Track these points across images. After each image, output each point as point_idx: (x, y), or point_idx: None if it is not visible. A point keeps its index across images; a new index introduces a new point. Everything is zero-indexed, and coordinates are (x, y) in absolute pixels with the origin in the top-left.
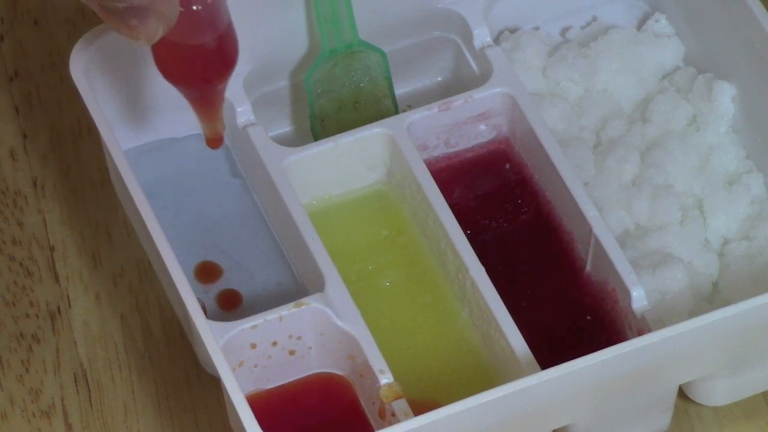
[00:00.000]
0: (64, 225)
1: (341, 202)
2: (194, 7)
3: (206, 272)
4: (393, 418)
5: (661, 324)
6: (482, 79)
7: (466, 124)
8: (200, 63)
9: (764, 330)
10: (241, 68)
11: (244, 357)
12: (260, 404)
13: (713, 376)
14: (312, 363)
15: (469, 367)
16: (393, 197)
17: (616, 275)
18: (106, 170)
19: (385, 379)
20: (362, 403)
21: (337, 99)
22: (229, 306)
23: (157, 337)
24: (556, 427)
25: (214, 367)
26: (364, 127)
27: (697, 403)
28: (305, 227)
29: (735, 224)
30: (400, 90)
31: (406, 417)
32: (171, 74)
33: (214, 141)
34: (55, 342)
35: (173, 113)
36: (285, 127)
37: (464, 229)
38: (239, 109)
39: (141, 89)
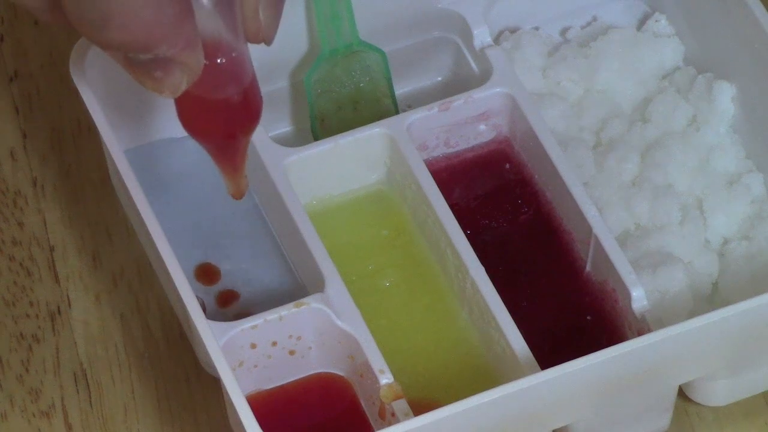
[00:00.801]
0: (64, 225)
1: (341, 202)
2: (219, 60)
3: (206, 273)
4: (393, 418)
5: (661, 324)
6: (482, 79)
7: (466, 124)
8: (224, 117)
9: (764, 330)
10: None
11: (244, 357)
12: (260, 404)
13: (713, 376)
14: (312, 363)
15: (469, 367)
16: (393, 197)
17: (616, 275)
18: (106, 170)
19: (385, 379)
20: (362, 403)
21: (337, 99)
22: (229, 306)
23: (157, 337)
24: (556, 427)
25: (214, 367)
26: (364, 127)
27: (697, 403)
28: (305, 227)
29: (735, 224)
30: (400, 90)
31: (406, 417)
32: (194, 129)
33: (238, 196)
34: (55, 342)
35: (173, 113)
36: (285, 127)
37: (464, 229)
38: None
39: (141, 89)
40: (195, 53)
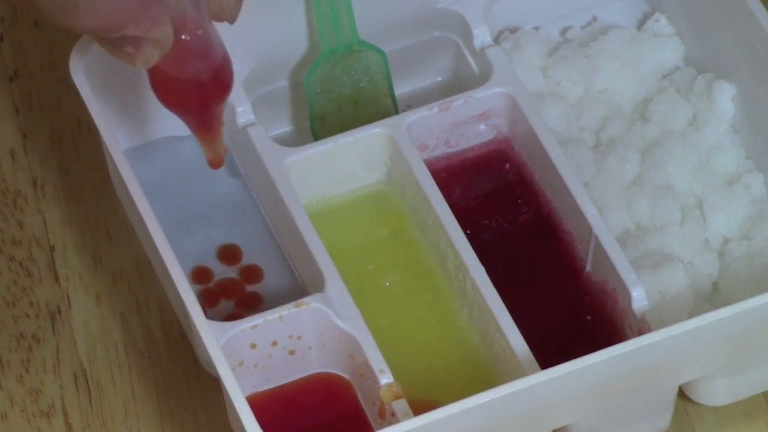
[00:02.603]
0: (64, 225)
1: (341, 202)
2: (183, 37)
3: (205, 273)
4: (393, 418)
5: (661, 324)
6: (482, 79)
7: (466, 124)
8: (195, 92)
9: (764, 330)
10: (241, 68)
11: (244, 357)
12: (260, 404)
13: (713, 376)
14: (312, 363)
15: (469, 367)
16: (393, 197)
17: (616, 275)
18: (106, 170)
19: (385, 379)
20: (362, 403)
21: (337, 99)
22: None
23: (157, 337)
24: (556, 427)
25: (214, 367)
26: (364, 127)
27: (697, 403)
28: (305, 227)
29: (735, 224)
30: (400, 90)
31: (406, 417)
32: (167, 101)
33: (216, 163)
34: (55, 342)
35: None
36: (285, 127)
37: (464, 229)
38: (239, 109)
39: (141, 89)
40: (163, 30)
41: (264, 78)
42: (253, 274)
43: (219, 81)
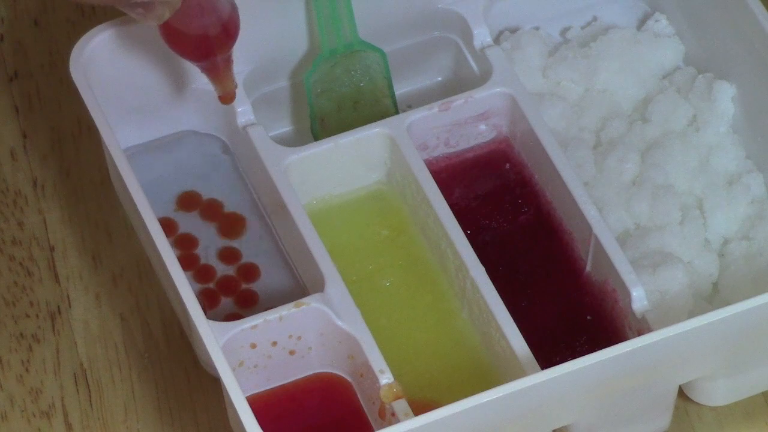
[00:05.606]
0: (64, 225)
1: (341, 202)
2: None
3: (203, 274)
4: (393, 418)
5: (661, 324)
6: (482, 79)
7: (466, 124)
8: (204, 43)
9: (764, 330)
10: (241, 68)
11: (244, 357)
12: (260, 404)
13: (713, 376)
14: (312, 363)
15: (469, 367)
16: (393, 197)
17: (616, 275)
18: (106, 170)
19: (385, 379)
20: (362, 403)
21: (337, 99)
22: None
23: (157, 337)
24: (556, 427)
25: (214, 367)
26: (364, 127)
27: (697, 403)
28: (305, 227)
29: (735, 224)
30: (400, 90)
31: (406, 417)
32: (178, 51)
33: (227, 99)
34: (55, 342)
35: (173, 112)
36: (285, 127)
37: (464, 229)
38: (239, 109)
39: (141, 88)
40: None
41: (264, 78)
42: (250, 272)
43: (226, 33)
